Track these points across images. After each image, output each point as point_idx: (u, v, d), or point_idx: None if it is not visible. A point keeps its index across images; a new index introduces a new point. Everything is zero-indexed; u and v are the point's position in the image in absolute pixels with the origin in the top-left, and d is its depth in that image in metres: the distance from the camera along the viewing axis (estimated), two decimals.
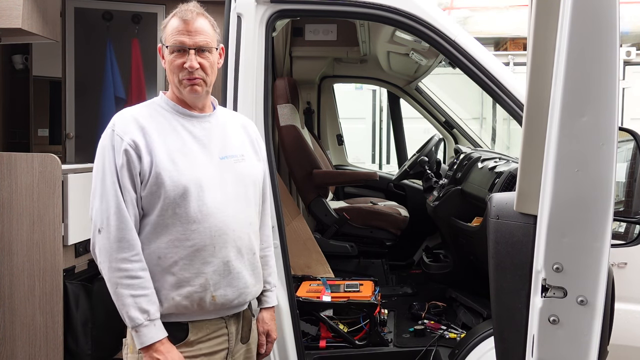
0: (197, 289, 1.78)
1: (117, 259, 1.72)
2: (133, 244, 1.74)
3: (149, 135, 1.78)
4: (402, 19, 2.53)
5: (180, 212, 1.76)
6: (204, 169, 1.81)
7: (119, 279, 1.71)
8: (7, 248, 2.49)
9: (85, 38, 3.74)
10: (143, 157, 1.75)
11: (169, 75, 1.86)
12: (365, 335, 2.86)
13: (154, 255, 1.77)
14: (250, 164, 1.95)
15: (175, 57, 1.82)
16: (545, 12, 1.36)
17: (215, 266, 1.80)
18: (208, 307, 1.80)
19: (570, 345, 1.33)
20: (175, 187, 1.75)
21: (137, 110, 1.85)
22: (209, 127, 1.89)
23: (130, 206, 1.74)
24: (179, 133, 1.83)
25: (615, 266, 2.55)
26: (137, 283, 1.72)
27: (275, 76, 4.36)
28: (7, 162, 2.49)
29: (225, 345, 1.86)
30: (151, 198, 1.76)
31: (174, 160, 1.77)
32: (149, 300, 1.72)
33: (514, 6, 6.85)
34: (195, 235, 1.77)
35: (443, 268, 3.55)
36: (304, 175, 3.93)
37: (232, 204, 1.84)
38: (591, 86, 1.28)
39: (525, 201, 1.44)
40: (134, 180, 1.75)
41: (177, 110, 1.87)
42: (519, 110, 2.43)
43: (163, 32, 1.87)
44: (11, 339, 2.49)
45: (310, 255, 3.50)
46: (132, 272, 1.72)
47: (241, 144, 1.96)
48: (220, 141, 1.89)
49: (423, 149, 4.07)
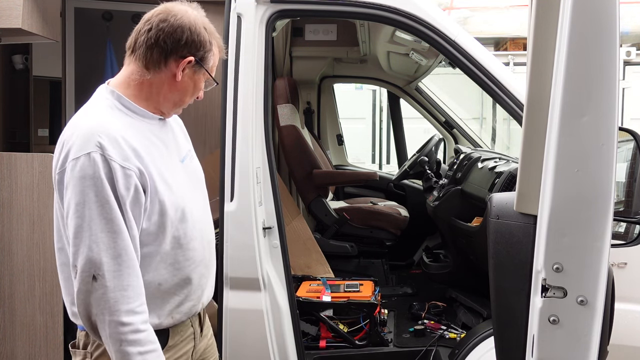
0: (195, 302, 1.71)
1: (121, 311, 1.45)
2: (139, 292, 1.49)
3: (140, 155, 1.52)
4: (402, 19, 2.53)
5: (179, 235, 1.61)
6: (181, 178, 1.65)
7: (126, 335, 1.45)
8: (7, 248, 2.49)
9: (85, 38, 3.74)
10: (146, 185, 1.52)
11: (179, 92, 1.64)
12: (365, 335, 2.86)
13: (154, 282, 1.59)
14: (195, 158, 1.82)
15: (201, 85, 1.68)
16: (545, 12, 1.36)
17: (209, 277, 1.76)
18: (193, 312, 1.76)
19: (570, 345, 1.33)
20: (175, 211, 1.58)
21: (110, 123, 1.52)
22: (167, 129, 1.71)
23: (135, 247, 1.50)
24: (154, 143, 1.60)
25: (615, 266, 2.55)
26: (144, 338, 1.49)
27: (275, 76, 4.36)
28: (7, 162, 2.49)
29: (192, 343, 1.79)
30: (154, 228, 1.55)
31: (165, 180, 1.57)
32: (158, 356, 1.53)
33: (514, 6, 6.85)
34: (192, 253, 1.65)
35: (443, 268, 3.55)
36: (304, 175, 3.93)
37: (204, 208, 1.76)
38: (591, 86, 1.28)
39: (525, 201, 1.43)
40: (140, 215, 1.51)
41: (139, 114, 1.61)
42: (519, 110, 2.43)
43: (207, 52, 1.63)
44: (11, 339, 2.49)
45: (310, 255, 3.50)
46: (138, 325, 1.47)
47: (183, 138, 1.81)
48: (174, 141, 1.72)
49: (423, 149, 4.07)
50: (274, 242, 2.59)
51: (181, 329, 1.76)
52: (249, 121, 2.52)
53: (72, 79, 3.71)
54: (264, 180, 2.58)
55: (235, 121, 2.51)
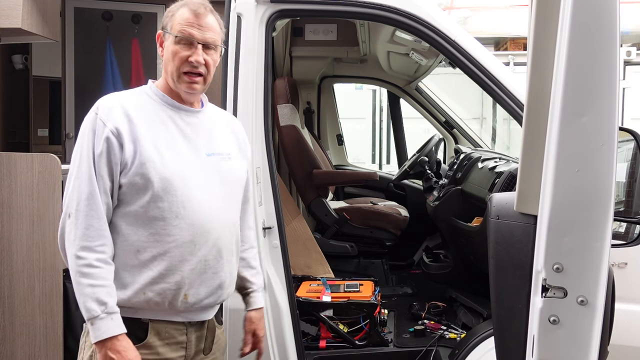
0: (172, 286, 1.72)
1: (81, 246, 1.65)
2: (101, 234, 1.67)
3: (134, 123, 1.71)
4: (402, 19, 2.54)
5: (164, 206, 1.70)
6: (190, 164, 1.76)
7: (80, 267, 1.64)
8: (7, 248, 2.49)
9: (85, 38, 3.73)
10: (125, 145, 1.68)
11: (167, 65, 1.79)
12: (365, 335, 2.86)
13: (133, 247, 1.71)
14: (236, 163, 1.90)
15: (181, 49, 1.75)
16: (545, 12, 1.36)
17: (193, 265, 1.75)
18: (178, 307, 1.75)
19: (570, 345, 1.33)
20: (159, 179, 1.69)
21: (124, 97, 1.78)
22: (197, 123, 1.83)
23: (103, 195, 1.68)
24: (167, 125, 1.77)
25: (616, 266, 2.55)
26: (97, 273, 1.64)
27: (275, 76, 4.36)
28: (7, 162, 2.49)
29: (182, 352, 1.78)
30: (133, 188, 1.69)
31: (160, 151, 1.71)
32: (108, 293, 1.65)
33: (514, 6, 6.85)
34: (176, 231, 1.71)
35: (443, 268, 3.55)
36: (304, 175, 3.93)
37: (216, 203, 1.79)
38: (591, 86, 1.28)
39: (525, 201, 1.43)
40: (112, 169, 1.69)
41: (166, 102, 1.81)
42: (519, 110, 2.43)
43: (169, 19, 1.79)
44: (11, 339, 2.49)
45: (310, 255, 3.50)
46: (93, 262, 1.64)
47: (228, 143, 1.91)
48: (207, 138, 1.84)
49: (423, 149, 4.07)
50: (274, 242, 2.59)
51: (167, 329, 1.75)
52: (249, 121, 2.52)
53: (72, 79, 3.71)
54: (264, 180, 2.58)
55: None
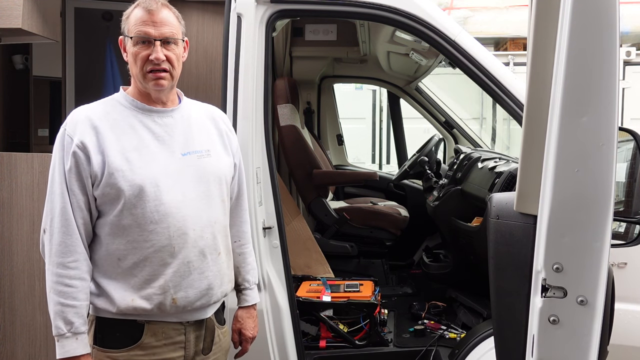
0: (157, 291, 1.72)
1: (55, 262, 1.68)
2: (73, 250, 1.69)
3: (101, 134, 1.71)
4: (402, 19, 2.53)
5: (137, 213, 1.70)
6: (162, 167, 1.74)
7: (53, 284, 1.68)
8: (7, 248, 2.49)
9: (85, 38, 3.73)
10: (92, 157, 1.69)
11: (132, 68, 1.79)
12: (365, 335, 2.86)
13: (114, 256, 1.72)
14: (216, 159, 1.87)
15: (140, 49, 1.75)
16: (545, 12, 1.36)
17: (175, 267, 1.74)
18: (169, 310, 1.75)
19: (570, 345, 1.33)
20: (130, 186, 1.69)
21: (92, 108, 1.78)
22: (171, 123, 1.81)
23: (77, 210, 1.69)
24: (136, 130, 1.76)
25: (615, 266, 2.55)
26: (68, 291, 1.67)
27: (275, 76, 4.36)
28: (7, 162, 2.49)
29: (181, 353, 1.79)
30: (106, 199, 1.70)
31: (128, 159, 1.71)
32: (76, 313, 1.67)
33: (514, 6, 6.84)
34: (153, 236, 1.71)
35: (443, 268, 3.55)
36: (304, 175, 3.93)
37: (192, 203, 1.77)
38: (591, 86, 1.28)
39: (525, 201, 1.43)
40: (83, 182, 1.70)
41: (136, 106, 1.79)
42: (519, 110, 2.43)
43: (125, 23, 1.80)
44: (11, 339, 2.49)
45: (310, 255, 3.50)
46: (66, 280, 1.67)
47: (207, 139, 1.88)
48: (182, 137, 1.81)
49: (423, 149, 4.07)
50: (274, 242, 2.59)
51: (163, 330, 1.76)
52: (249, 121, 2.52)
53: (72, 79, 3.71)
54: (264, 180, 2.58)
55: (235, 121, 2.51)
